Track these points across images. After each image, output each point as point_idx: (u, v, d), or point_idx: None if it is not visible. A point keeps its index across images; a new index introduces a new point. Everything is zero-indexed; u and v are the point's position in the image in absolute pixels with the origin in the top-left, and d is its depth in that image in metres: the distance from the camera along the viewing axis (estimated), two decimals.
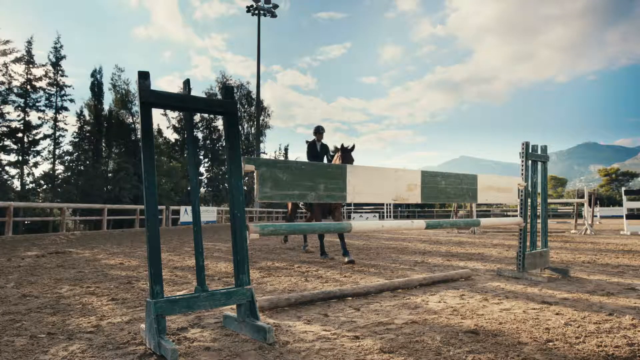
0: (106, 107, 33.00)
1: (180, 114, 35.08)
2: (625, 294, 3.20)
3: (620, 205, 17.07)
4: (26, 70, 28.54)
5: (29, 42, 29.03)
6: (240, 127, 38.96)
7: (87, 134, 31.64)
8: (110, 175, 31.80)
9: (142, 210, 16.78)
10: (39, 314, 2.68)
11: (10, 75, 27.66)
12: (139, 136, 26.76)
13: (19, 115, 28.26)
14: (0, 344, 2.08)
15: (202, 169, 40.90)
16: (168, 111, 31.85)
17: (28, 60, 28.58)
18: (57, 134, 30.21)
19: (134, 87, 33.60)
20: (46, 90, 29.50)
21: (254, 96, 42.99)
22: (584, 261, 5.28)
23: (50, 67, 29.67)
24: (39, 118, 29.19)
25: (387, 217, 32.52)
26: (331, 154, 6.78)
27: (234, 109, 2.30)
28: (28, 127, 28.46)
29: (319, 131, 6.68)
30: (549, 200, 9.30)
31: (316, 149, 6.63)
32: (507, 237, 10.27)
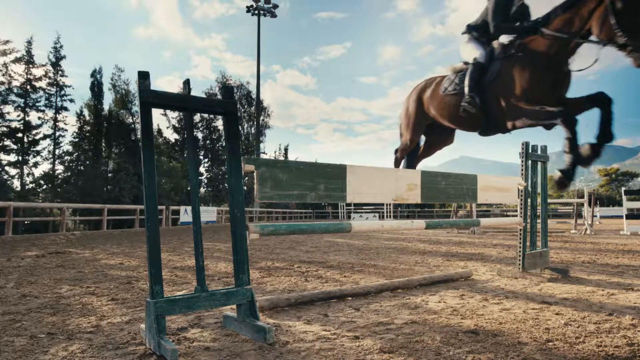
0: (106, 107, 33.07)
1: (180, 114, 35.12)
2: (625, 294, 3.20)
3: (620, 205, 17.08)
4: (26, 70, 28.58)
5: (29, 42, 29.08)
6: (240, 127, 39.00)
7: (87, 134, 31.67)
8: (110, 175, 31.81)
9: (142, 210, 16.69)
10: (39, 314, 2.68)
11: (10, 75, 27.71)
12: (139, 136, 26.75)
13: (18, 115, 28.31)
14: (0, 344, 2.08)
15: (202, 169, 40.94)
16: (168, 111, 31.90)
17: (28, 60, 28.61)
18: (57, 134, 30.27)
19: (134, 87, 33.62)
20: (46, 90, 29.56)
21: (254, 96, 43.02)
22: (584, 261, 5.28)
23: (50, 67, 29.73)
24: (39, 118, 29.26)
25: (387, 217, 32.51)
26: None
27: (234, 109, 2.30)
28: (28, 127, 28.50)
29: None
30: (549, 200, 9.29)
31: (506, 8, 3.84)
32: (507, 237, 10.27)
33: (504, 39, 3.90)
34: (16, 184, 28.50)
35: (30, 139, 28.70)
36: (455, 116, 4.10)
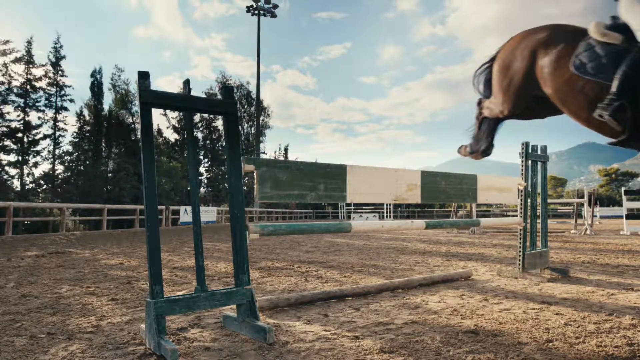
0: (106, 107, 33.02)
1: (180, 114, 35.10)
2: (625, 294, 3.20)
3: (620, 205, 17.07)
4: (26, 70, 28.54)
5: (29, 42, 29.04)
6: (240, 127, 39.01)
7: (87, 134, 31.64)
8: (110, 175, 31.79)
9: (142, 210, 16.64)
10: (38, 314, 2.68)
11: (10, 75, 27.66)
12: (139, 136, 26.72)
13: (18, 115, 28.27)
14: (0, 344, 2.08)
15: (202, 169, 40.89)
16: (168, 111, 31.87)
17: (28, 60, 28.57)
18: (57, 134, 30.22)
19: (134, 87, 33.62)
20: (46, 90, 29.52)
21: (254, 96, 43.00)
22: (583, 261, 5.28)
23: (50, 67, 29.67)
24: (39, 118, 29.22)
25: (387, 217, 32.52)
26: None
27: (234, 109, 2.30)
28: (28, 127, 28.46)
29: None
30: (549, 200, 9.30)
31: None
32: (507, 237, 10.27)
33: None
34: (16, 184, 28.48)
35: (30, 139, 28.66)
36: (584, 111, 2.52)
